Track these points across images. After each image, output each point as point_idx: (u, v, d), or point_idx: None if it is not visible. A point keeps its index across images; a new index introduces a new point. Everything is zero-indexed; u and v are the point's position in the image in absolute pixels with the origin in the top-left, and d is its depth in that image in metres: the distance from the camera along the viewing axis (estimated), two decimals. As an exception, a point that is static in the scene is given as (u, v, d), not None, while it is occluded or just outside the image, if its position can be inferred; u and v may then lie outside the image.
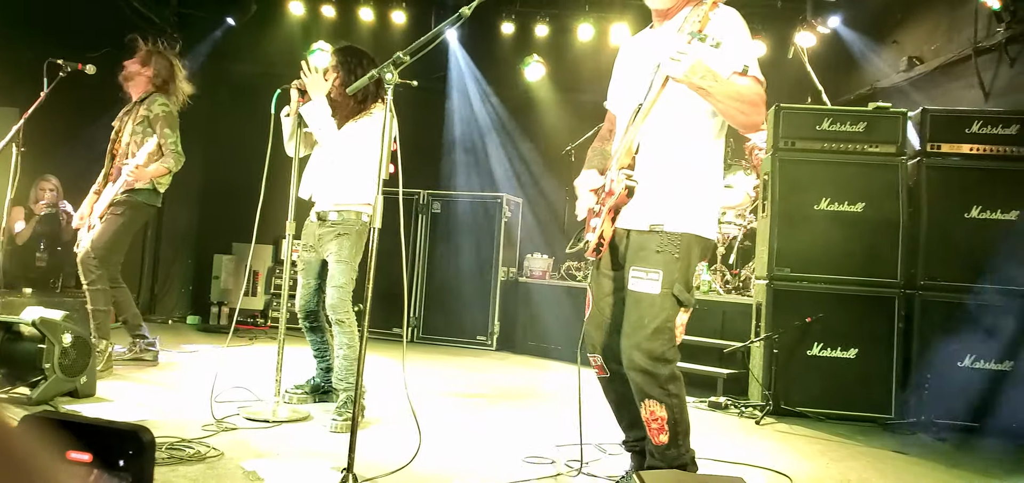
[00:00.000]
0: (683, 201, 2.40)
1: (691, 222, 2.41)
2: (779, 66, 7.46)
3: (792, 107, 4.76)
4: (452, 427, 3.69)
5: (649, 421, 2.39)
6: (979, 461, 3.68)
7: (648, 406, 2.37)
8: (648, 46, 2.56)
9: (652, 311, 2.34)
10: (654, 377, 2.33)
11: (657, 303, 2.33)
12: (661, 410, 2.35)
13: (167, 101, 4.62)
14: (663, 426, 2.36)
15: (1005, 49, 5.46)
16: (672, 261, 2.35)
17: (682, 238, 2.38)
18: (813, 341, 4.48)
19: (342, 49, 3.92)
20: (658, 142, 2.40)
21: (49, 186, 6.43)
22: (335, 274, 3.68)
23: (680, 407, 2.38)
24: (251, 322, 7.35)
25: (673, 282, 2.34)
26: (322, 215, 3.80)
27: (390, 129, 2.55)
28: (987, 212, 4.48)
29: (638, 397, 2.40)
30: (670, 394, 2.35)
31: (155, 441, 1.25)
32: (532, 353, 6.67)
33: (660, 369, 2.33)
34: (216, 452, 2.85)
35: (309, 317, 3.93)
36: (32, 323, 3.49)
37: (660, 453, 2.42)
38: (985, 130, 4.54)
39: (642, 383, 2.36)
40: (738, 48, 2.32)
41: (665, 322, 2.34)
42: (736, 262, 6.28)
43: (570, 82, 8.01)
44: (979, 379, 4.34)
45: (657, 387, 2.34)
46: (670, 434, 2.37)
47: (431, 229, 7.22)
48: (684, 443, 2.42)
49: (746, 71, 2.27)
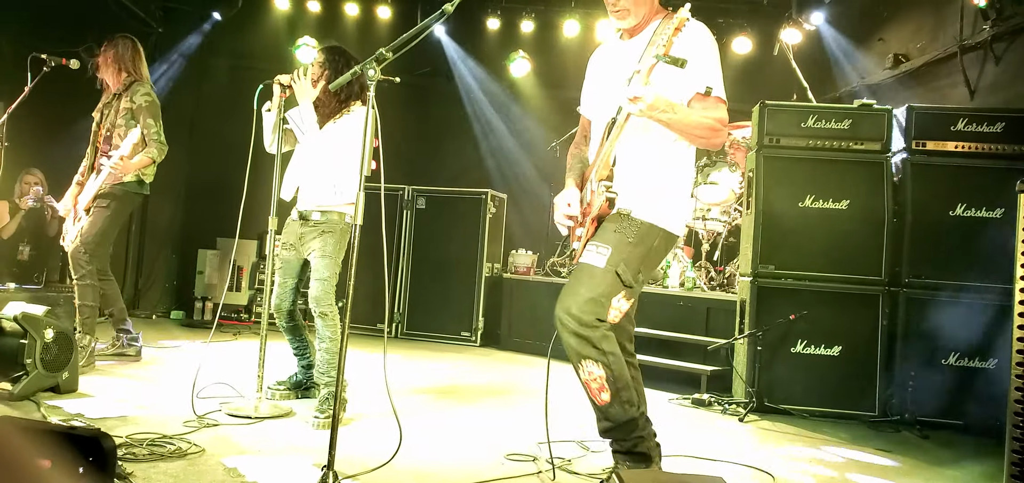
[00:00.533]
0: (651, 194, 2.50)
1: (655, 214, 2.50)
2: (764, 63, 7.49)
3: (777, 104, 4.77)
4: (434, 424, 3.68)
5: (589, 383, 2.44)
6: (962, 459, 3.70)
7: (586, 367, 2.42)
8: (618, 59, 2.64)
9: (591, 281, 2.41)
10: (586, 339, 2.38)
11: (598, 275, 2.41)
12: (599, 368, 2.40)
13: (150, 91, 4.60)
14: (603, 384, 2.41)
15: (991, 47, 5.49)
16: (625, 243, 2.44)
17: (643, 226, 2.47)
18: (797, 338, 4.50)
19: (329, 48, 3.89)
20: (633, 152, 2.51)
21: (34, 180, 6.37)
22: (319, 268, 3.66)
23: (618, 363, 2.42)
24: (235, 317, 7.31)
25: (619, 261, 2.42)
26: (305, 214, 3.78)
27: (373, 125, 2.53)
28: (972, 210, 4.51)
29: (575, 361, 2.45)
30: (605, 352, 2.40)
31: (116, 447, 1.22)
32: (516, 349, 6.67)
33: (591, 332, 2.38)
34: (197, 448, 2.83)
35: (286, 316, 3.90)
36: (14, 318, 3.47)
37: (604, 412, 2.47)
38: (970, 128, 4.57)
39: (577, 345, 2.41)
40: (702, 68, 2.41)
41: (601, 295, 2.40)
42: (720, 259, 6.30)
43: (555, 78, 8.00)
44: (963, 376, 4.37)
45: (591, 347, 2.39)
46: (611, 390, 2.42)
47: (415, 225, 7.19)
48: (627, 398, 2.45)
49: (709, 92, 2.37)
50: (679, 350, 5.26)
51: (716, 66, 2.47)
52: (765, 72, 7.42)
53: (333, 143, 3.68)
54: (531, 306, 6.70)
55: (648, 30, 2.55)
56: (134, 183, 4.54)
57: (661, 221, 2.51)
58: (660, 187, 2.52)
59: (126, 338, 4.72)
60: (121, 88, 4.59)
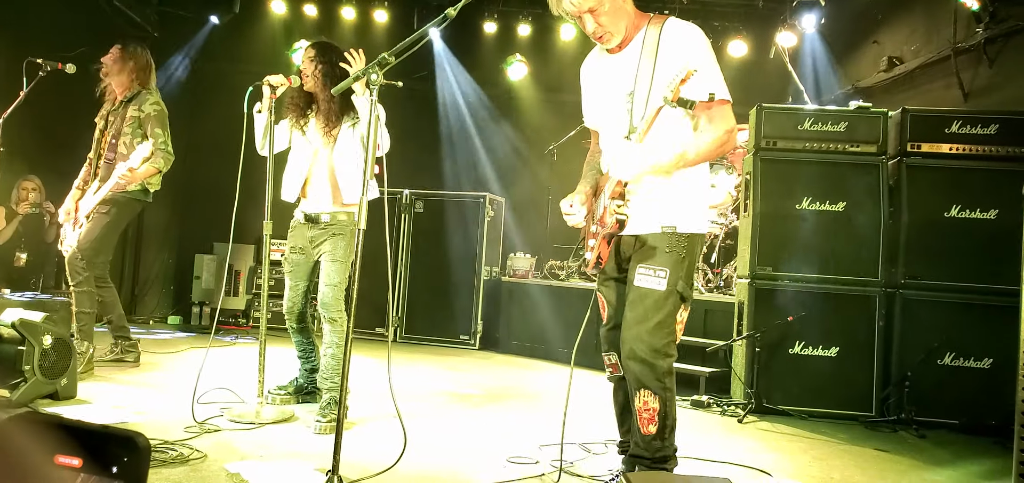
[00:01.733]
0: (688, 205, 2.53)
1: (695, 222, 2.55)
2: (760, 66, 7.53)
3: (773, 107, 4.80)
4: (435, 427, 3.69)
5: (641, 411, 2.48)
6: (959, 459, 3.72)
7: (642, 396, 2.47)
8: (612, 73, 2.62)
9: (657, 306, 2.45)
10: (652, 368, 2.43)
11: (662, 299, 2.45)
12: (654, 402, 2.45)
13: (159, 100, 4.59)
14: (653, 417, 2.46)
15: (984, 49, 5.54)
16: (679, 261, 2.48)
17: (689, 239, 2.51)
18: (795, 340, 4.52)
19: (319, 43, 3.85)
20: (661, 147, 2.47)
21: (32, 186, 6.36)
22: (330, 272, 3.66)
23: (672, 401, 2.49)
24: (233, 322, 7.30)
25: (678, 279, 2.46)
26: (314, 217, 3.77)
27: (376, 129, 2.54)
28: (967, 211, 4.54)
29: (633, 387, 2.49)
30: (665, 387, 2.46)
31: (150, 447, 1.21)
32: (515, 352, 6.68)
33: (659, 361, 2.44)
34: (199, 454, 2.83)
35: (298, 318, 3.91)
36: (12, 325, 3.46)
37: (646, 443, 2.51)
38: (965, 130, 4.60)
39: (640, 373, 2.45)
40: (702, 75, 2.38)
41: (668, 317, 2.45)
42: (718, 261, 6.32)
43: (553, 82, 8.03)
44: (960, 377, 4.40)
45: (654, 379, 2.44)
46: (659, 426, 2.47)
47: (414, 228, 7.20)
48: (669, 438, 2.51)
49: (712, 98, 2.37)
50: (677, 352, 5.26)
51: (714, 66, 2.47)
52: (761, 75, 7.46)
53: (344, 145, 3.68)
54: (530, 309, 6.71)
55: (636, 41, 2.55)
56: (138, 191, 4.53)
57: (699, 227, 2.57)
58: (690, 195, 2.54)
59: (124, 344, 4.71)
60: (129, 95, 4.58)
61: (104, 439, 1.16)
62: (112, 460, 1.15)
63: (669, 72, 2.30)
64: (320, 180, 3.76)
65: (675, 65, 2.31)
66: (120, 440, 1.16)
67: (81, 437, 1.16)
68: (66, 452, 1.13)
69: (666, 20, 2.53)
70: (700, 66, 2.39)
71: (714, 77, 2.44)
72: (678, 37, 2.47)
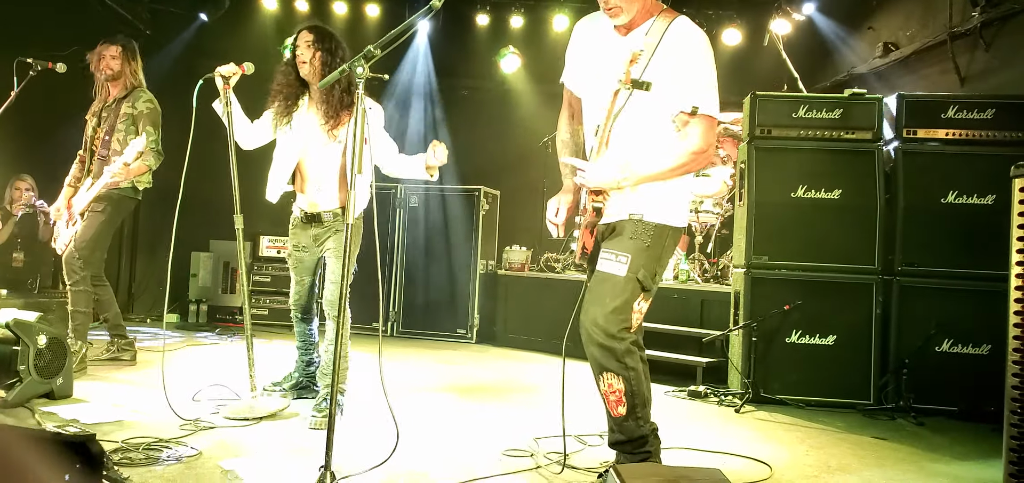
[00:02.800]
0: (661, 196, 2.50)
1: (665, 213, 2.52)
2: (755, 54, 7.49)
3: (768, 95, 4.77)
4: (431, 422, 3.68)
5: (607, 394, 2.49)
6: (957, 445, 3.72)
7: (606, 379, 2.47)
8: (612, 54, 2.55)
9: (615, 291, 2.45)
10: (611, 351, 2.43)
11: (620, 284, 2.44)
12: (619, 382, 2.45)
13: (151, 98, 4.57)
14: (621, 398, 2.46)
15: (980, 34, 5.51)
16: (643, 249, 2.46)
17: (657, 228, 2.49)
18: (791, 329, 4.51)
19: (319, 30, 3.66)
20: (628, 151, 2.46)
21: (25, 186, 6.34)
22: (335, 270, 3.60)
23: (637, 379, 2.47)
24: (230, 319, 7.29)
25: (639, 267, 2.45)
26: (315, 215, 3.68)
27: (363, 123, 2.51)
28: (964, 197, 4.53)
29: (595, 371, 2.50)
30: (627, 367, 2.45)
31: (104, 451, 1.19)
32: (512, 345, 6.68)
33: (616, 344, 2.43)
34: (194, 452, 2.82)
35: (303, 310, 3.91)
36: (6, 325, 3.45)
37: (618, 425, 2.52)
38: (961, 115, 4.59)
39: (599, 356, 2.46)
40: (690, 85, 2.36)
41: (625, 304, 2.44)
42: (714, 251, 6.31)
43: (546, 73, 7.98)
44: (957, 363, 4.40)
45: (614, 360, 2.44)
46: (628, 405, 2.47)
47: (408, 223, 7.19)
48: (643, 414, 2.50)
49: (695, 111, 2.34)
50: (674, 343, 5.27)
51: (708, 78, 2.42)
52: (755, 63, 7.43)
53: (343, 141, 3.60)
54: (526, 302, 6.70)
55: (641, 29, 2.51)
56: (129, 188, 4.51)
57: (670, 219, 2.54)
58: (665, 187, 2.50)
59: (121, 342, 4.70)
60: (122, 92, 4.55)
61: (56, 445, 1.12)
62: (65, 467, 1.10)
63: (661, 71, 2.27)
64: (326, 177, 3.63)
65: (668, 65, 2.29)
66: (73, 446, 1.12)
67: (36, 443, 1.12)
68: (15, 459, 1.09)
69: (676, 18, 2.47)
70: (691, 75, 2.36)
71: (703, 89, 2.39)
72: (680, 39, 2.42)
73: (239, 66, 3.60)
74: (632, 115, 2.44)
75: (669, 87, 2.38)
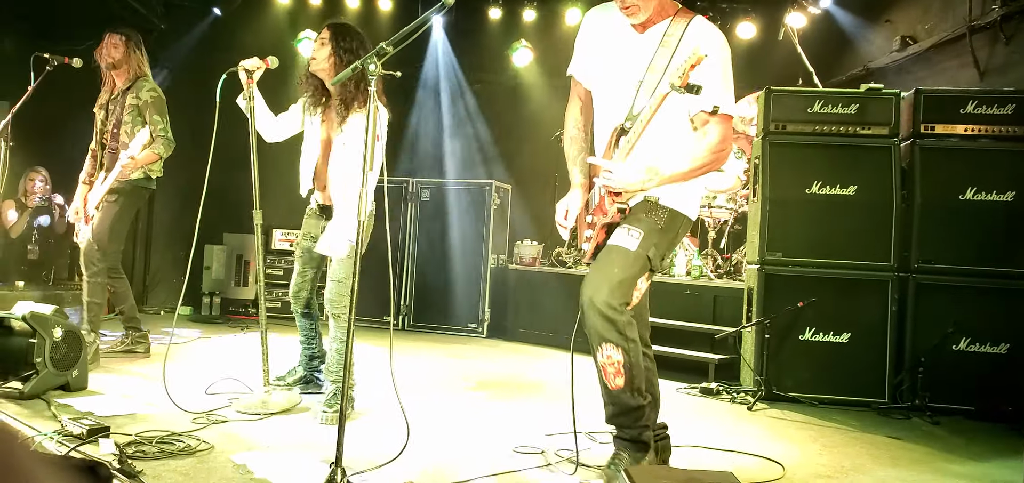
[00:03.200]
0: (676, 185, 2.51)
1: (680, 201, 2.56)
2: (769, 48, 7.42)
3: (783, 90, 4.73)
4: (442, 417, 3.68)
5: (606, 366, 2.48)
6: (974, 445, 3.68)
7: (605, 350, 2.46)
8: (628, 52, 2.56)
9: (624, 263, 2.45)
10: (612, 322, 2.42)
11: (630, 258, 2.45)
12: (618, 353, 2.44)
13: (155, 87, 4.60)
14: (619, 369, 2.46)
15: (1000, 27, 5.43)
16: (656, 229, 2.49)
17: (671, 214, 2.53)
18: (805, 326, 4.47)
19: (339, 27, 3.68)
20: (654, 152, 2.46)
21: (39, 177, 6.40)
22: (335, 268, 3.61)
23: (636, 353, 2.47)
24: (243, 312, 7.33)
25: (651, 245, 2.47)
26: (327, 208, 3.73)
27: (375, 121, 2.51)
28: (982, 193, 4.47)
29: (595, 342, 2.48)
30: (627, 338, 2.44)
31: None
32: (523, 340, 6.67)
33: (618, 316, 2.42)
34: (206, 445, 2.83)
35: (303, 303, 3.90)
36: (22, 317, 3.48)
37: (615, 398, 2.52)
38: (980, 110, 4.52)
39: (601, 327, 2.44)
40: (711, 85, 2.34)
41: (631, 277, 2.45)
42: (727, 246, 6.27)
43: (559, 67, 7.89)
44: (974, 362, 4.34)
45: (616, 331, 2.43)
46: (626, 377, 2.46)
47: (420, 217, 7.19)
48: (639, 385, 2.50)
49: (715, 111, 2.35)
50: (686, 339, 5.24)
51: (727, 79, 2.43)
52: (770, 57, 7.35)
53: (350, 137, 3.61)
54: (537, 296, 6.69)
55: (659, 28, 2.51)
56: (141, 178, 4.55)
57: (685, 208, 2.57)
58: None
59: (135, 334, 4.74)
60: (127, 83, 4.58)
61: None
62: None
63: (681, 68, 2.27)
64: (335, 174, 3.65)
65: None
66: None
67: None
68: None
69: (693, 18, 2.49)
70: (712, 75, 2.35)
71: (723, 91, 2.40)
72: (701, 39, 2.40)
73: (263, 60, 3.63)
74: (660, 117, 2.42)
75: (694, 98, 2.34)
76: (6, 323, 3.58)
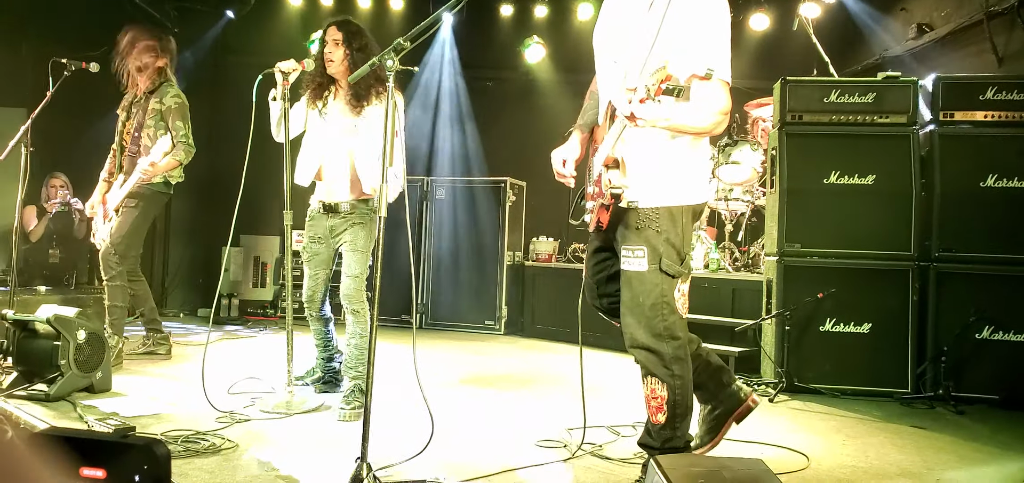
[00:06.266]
0: (655, 176, 2.37)
1: (673, 195, 2.38)
2: (784, 39, 7.36)
3: (798, 80, 4.69)
4: (463, 413, 3.69)
5: (649, 398, 2.41)
6: (1000, 434, 3.64)
7: (649, 383, 2.39)
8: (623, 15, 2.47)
9: (644, 288, 2.35)
10: (658, 356, 2.35)
11: (648, 280, 2.34)
12: (662, 389, 2.36)
13: (179, 93, 4.63)
14: (662, 406, 2.37)
15: (1018, 12, 5.37)
16: (653, 236, 2.35)
17: (657, 212, 2.36)
18: (825, 317, 4.44)
19: (347, 25, 3.74)
20: (640, 143, 2.36)
21: (59, 183, 6.46)
22: (351, 264, 3.64)
23: (682, 389, 2.37)
24: (261, 313, 7.37)
25: (659, 257, 2.34)
26: (333, 206, 3.75)
27: (394, 117, 2.52)
28: (1003, 180, 4.42)
29: (642, 373, 2.42)
30: (674, 375, 2.35)
31: (170, 454, 1.23)
32: (540, 336, 6.67)
33: (663, 347, 2.34)
34: (231, 444, 2.86)
35: (318, 306, 3.91)
36: (47, 320, 3.52)
37: (655, 432, 2.44)
38: (999, 96, 4.47)
39: (645, 361, 2.38)
40: (706, 46, 2.25)
41: (661, 297, 2.34)
42: (745, 239, 6.24)
43: (571, 63, 7.94)
44: (998, 351, 4.30)
45: (662, 367, 2.35)
46: (668, 415, 2.38)
47: (436, 215, 7.20)
48: (681, 426, 2.41)
49: (710, 75, 2.13)
50: (705, 332, 5.18)
51: (723, 42, 2.30)
52: (785, 48, 7.29)
53: (362, 132, 3.65)
54: (553, 293, 6.69)
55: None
56: (160, 184, 4.58)
57: (680, 198, 2.39)
58: (672, 165, 2.39)
59: (156, 337, 4.78)
60: (151, 87, 4.62)
61: (125, 449, 1.19)
62: (134, 468, 1.18)
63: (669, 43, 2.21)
64: (338, 167, 3.71)
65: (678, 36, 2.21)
66: (140, 449, 1.18)
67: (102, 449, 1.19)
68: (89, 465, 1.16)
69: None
70: (707, 36, 2.26)
71: (719, 54, 2.27)
72: (696, 2, 2.28)
73: (299, 63, 3.68)
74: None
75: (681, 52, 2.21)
76: (31, 326, 3.62)
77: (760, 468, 1.86)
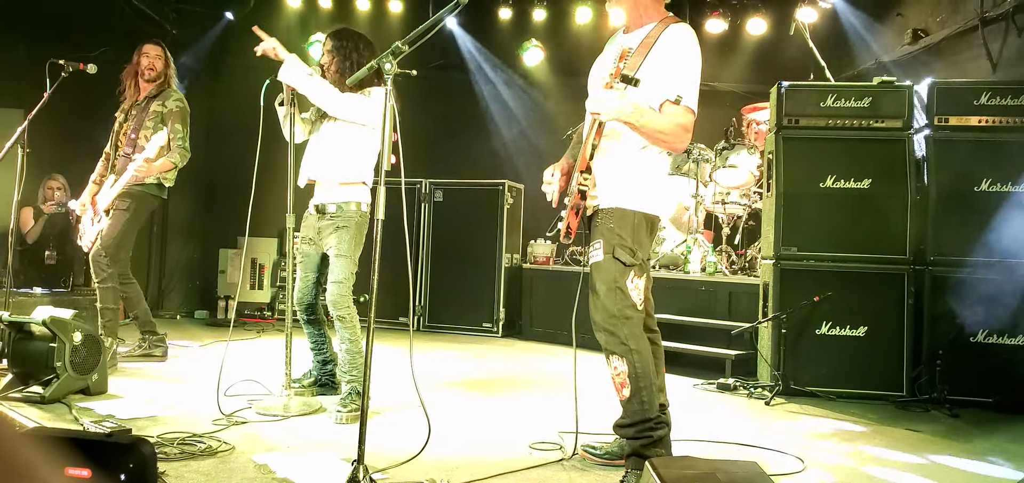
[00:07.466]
0: (615, 182, 2.67)
1: (627, 199, 2.66)
2: (780, 44, 7.39)
3: (795, 84, 4.71)
4: (459, 415, 3.69)
5: (614, 378, 2.64)
6: (994, 437, 3.66)
7: (612, 362, 2.63)
8: (611, 51, 2.82)
9: (601, 275, 2.64)
10: (614, 335, 2.59)
11: (603, 266, 2.64)
12: (622, 364, 2.59)
13: (181, 97, 4.65)
14: (625, 381, 2.60)
15: (1012, 18, 5.39)
16: (609, 231, 2.65)
17: (613, 212, 2.66)
18: (822, 320, 4.46)
19: (337, 32, 3.84)
20: (607, 144, 2.68)
21: (56, 185, 6.46)
22: (335, 269, 3.64)
23: (642, 361, 2.59)
24: (258, 315, 7.36)
25: (612, 246, 2.62)
26: (321, 208, 3.76)
27: (391, 120, 2.52)
28: (998, 185, 4.44)
29: (605, 356, 2.65)
30: (631, 349, 2.58)
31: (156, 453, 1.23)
32: (537, 339, 6.68)
33: (619, 327, 2.59)
34: (227, 446, 2.86)
35: (307, 310, 3.91)
36: (43, 322, 3.51)
37: (624, 407, 2.67)
38: (994, 102, 4.50)
39: (606, 342, 2.63)
40: (676, 76, 2.56)
41: (614, 282, 2.61)
42: (741, 242, 6.26)
43: (569, 66, 7.95)
44: (992, 354, 4.32)
45: (619, 343, 2.59)
46: (632, 387, 2.59)
47: (433, 218, 7.21)
48: (647, 396, 2.60)
49: (678, 101, 2.55)
50: (702, 335, 5.24)
51: (692, 76, 2.59)
52: (781, 53, 7.33)
53: (344, 129, 3.67)
54: (551, 295, 6.69)
55: (641, 32, 2.71)
56: (153, 185, 4.58)
57: (633, 204, 2.66)
58: (629, 177, 2.67)
59: (152, 339, 4.77)
60: (155, 91, 4.63)
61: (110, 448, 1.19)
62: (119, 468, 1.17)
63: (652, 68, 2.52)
64: (326, 169, 3.72)
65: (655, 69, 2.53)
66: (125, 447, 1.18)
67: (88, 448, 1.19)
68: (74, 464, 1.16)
69: (672, 24, 2.67)
70: (678, 68, 2.57)
71: (687, 85, 2.57)
72: (670, 39, 2.60)
73: None
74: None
75: (657, 81, 2.56)
76: (26, 328, 3.62)
77: (755, 471, 1.87)
